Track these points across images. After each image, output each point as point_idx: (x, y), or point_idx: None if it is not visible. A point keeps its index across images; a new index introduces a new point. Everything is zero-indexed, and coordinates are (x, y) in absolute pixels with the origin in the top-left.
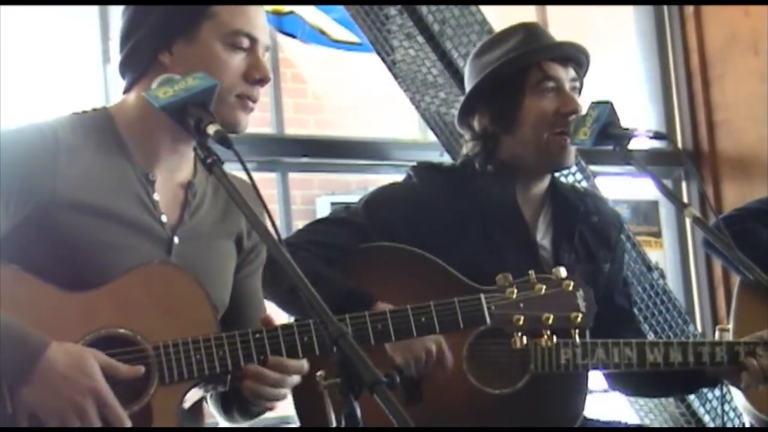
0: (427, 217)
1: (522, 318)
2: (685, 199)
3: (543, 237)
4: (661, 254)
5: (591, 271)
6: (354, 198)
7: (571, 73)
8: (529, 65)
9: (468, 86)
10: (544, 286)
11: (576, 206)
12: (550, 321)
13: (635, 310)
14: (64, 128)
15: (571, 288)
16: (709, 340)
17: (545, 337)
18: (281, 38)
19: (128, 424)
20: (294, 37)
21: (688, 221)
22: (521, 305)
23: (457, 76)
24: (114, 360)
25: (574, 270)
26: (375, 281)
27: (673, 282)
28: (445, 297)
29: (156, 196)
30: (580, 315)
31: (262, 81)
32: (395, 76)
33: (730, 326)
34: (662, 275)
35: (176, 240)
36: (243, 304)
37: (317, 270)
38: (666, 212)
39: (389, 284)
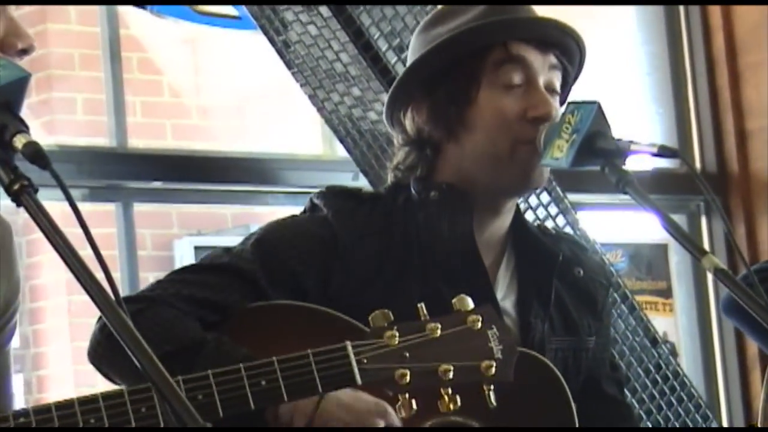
0: (348, 265)
1: (408, 373)
2: (706, 243)
3: (504, 297)
4: (672, 321)
5: (571, 348)
6: (229, 240)
7: (552, 60)
8: (490, 44)
9: None
10: (440, 326)
11: (553, 253)
12: (450, 375)
13: (634, 402)
14: None
15: (479, 326)
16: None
17: (445, 398)
18: (124, 8)
19: None
20: (143, 6)
21: (709, 274)
22: (406, 354)
23: (379, 64)
24: None
25: (548, 346)
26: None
27: (688, 361)
28: None
29: None
30: (494, 364)
31: (23, 49)
32: (288, 65)
33: (759, 421)
34: (673, 351)
35: None
36: None
37: (192, 332)
38: (678, 261)
39: None
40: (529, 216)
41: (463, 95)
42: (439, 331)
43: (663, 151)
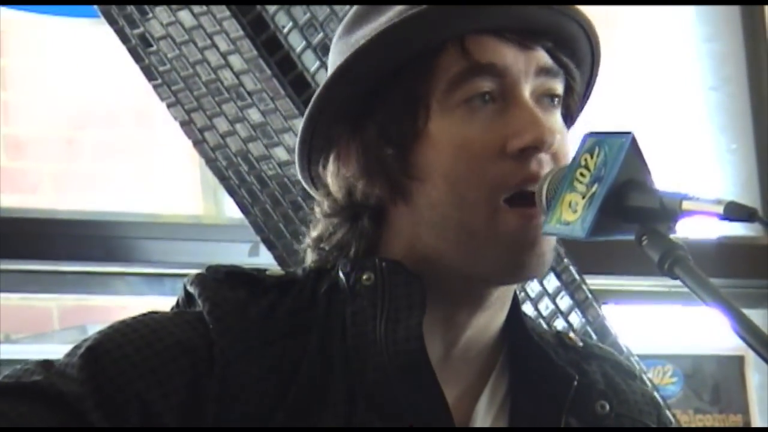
0: (229, 388)
1: None
2: None
3: None
4: None
5: None
6: (54, 349)
7: (542, 60)
8: (440, 42)
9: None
10: None
11: (565, 378)
12: None
13: None
14: None
15: None
16: None
17: None
18: None
19: None
20: None
21: None
22: None
23: (291, 72)
24: None
25: None
26: None
27: None
28: None
29: None
30: None
31: None
32: (148, 74)
33: None
34: None
35: None
36: None
37: None
38: (761, 383)
39: None
40: (528, 309)
41: (404, 128)
42: None
43: (734, 212)
